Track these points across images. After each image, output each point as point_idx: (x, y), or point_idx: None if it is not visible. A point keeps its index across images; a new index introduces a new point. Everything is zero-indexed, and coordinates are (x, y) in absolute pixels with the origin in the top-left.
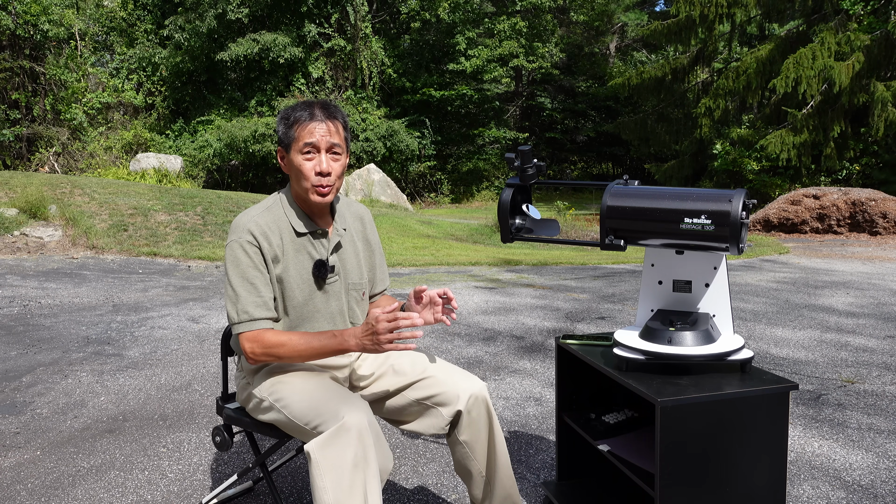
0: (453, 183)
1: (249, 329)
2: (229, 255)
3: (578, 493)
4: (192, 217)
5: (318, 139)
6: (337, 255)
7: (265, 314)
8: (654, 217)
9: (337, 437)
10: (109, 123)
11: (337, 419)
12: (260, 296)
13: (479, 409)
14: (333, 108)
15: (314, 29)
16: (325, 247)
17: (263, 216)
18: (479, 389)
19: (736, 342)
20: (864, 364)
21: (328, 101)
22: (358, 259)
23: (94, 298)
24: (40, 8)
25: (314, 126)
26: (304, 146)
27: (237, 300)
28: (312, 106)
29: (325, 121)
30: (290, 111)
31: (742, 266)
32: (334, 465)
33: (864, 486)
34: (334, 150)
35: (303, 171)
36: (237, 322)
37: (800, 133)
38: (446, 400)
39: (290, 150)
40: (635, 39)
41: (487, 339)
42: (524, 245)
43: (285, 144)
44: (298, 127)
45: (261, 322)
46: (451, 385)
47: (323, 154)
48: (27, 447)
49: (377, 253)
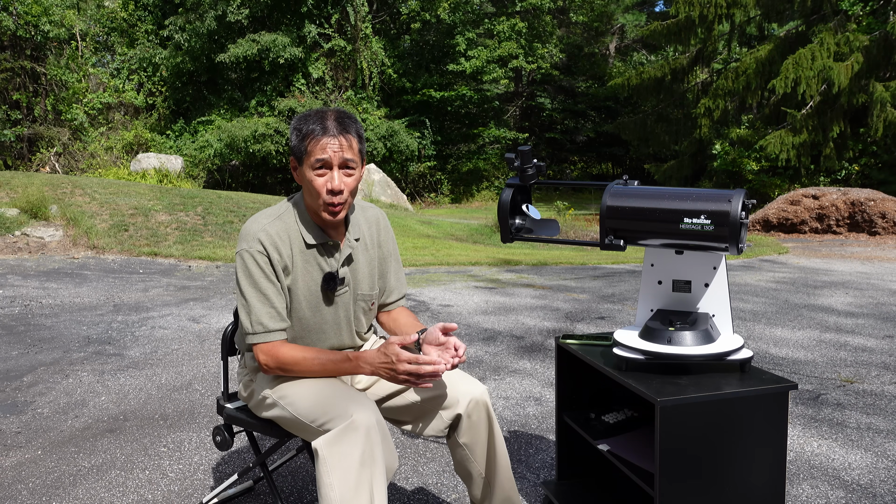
0: (453, 183)
1: (264, 341)
2: (240, 264)
3: (578, 492)
4: (192, 217)
5: (331, 156)
6: (348, 268)
7: (279, 325)
8: (654, 217)
9: (345, 435)
10: (110, 124)
11: (346, 417)
12: (273, 306)
13: (479, 413)
14: (348, 120)
15: (314, 29)
16: (336, 259)
17: (274, 225)
18: (479, 394)
19: (735, 342)
20: (864, 364)
21: (343, 111)
22: (371, 268)
23: (94, 298)
24: (41, 9)
25: (327, 142)
26: (316, 161)
27: (250, 311)
28: (326, 118)
29: (338, 136)
30: (304, 122)
31: (741, 266)
32: (342, 462)
33: (863, 485)
34: (348, 165)
35: (314, 188)
36: (251, 333)
37: (799, 133)
38: (446, 403)
39: (303, 164)
40: (635, 40)
41: (487, 339)
42: (524, 245)
43: (297, 157)
44: (311, 141)
45: (275, 334)
46: (452, 388)
47: (335, 171)
48: (28, 447)
49: (392, 259)
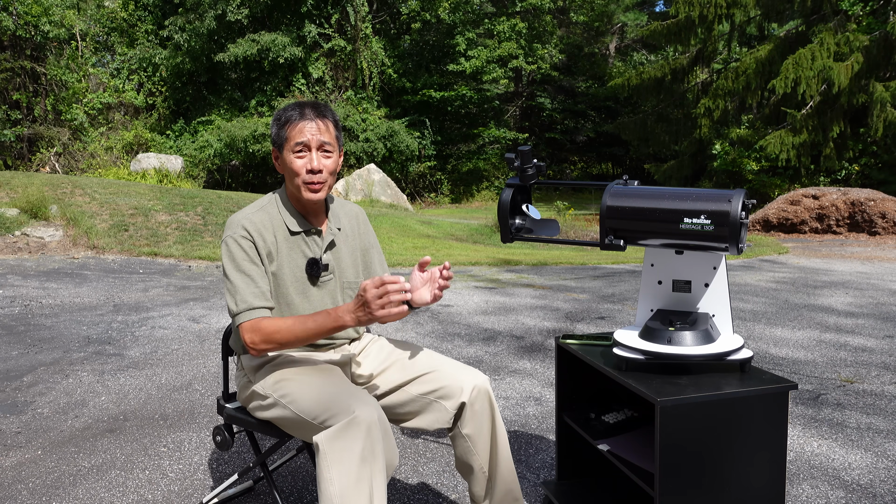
0: (453, 183)
1: (248, 318)
2: (224, 250)
3: (578, 492)
4: (192, 217)
5: (309, 138)
6: (331, 254)
7: (263, 303)
8: (654, 217)
9: (347, 431)
10: (110, 124)
11: (348, 413)
12: (258, 286)
13: (482, 402)
14: (324, 107)
15: (314, 29)
16: (318, 245)
17: (257, 214)
18: (481, 382)
19: (735, 342)
20: (863, 364)
21: (319, 101)
22: (354, 258)
23: (94, 298)
24: (41, 9)
25: (304, 125)
26: (296, 145)
27: (236, 292)
28: (303, 106)
29: (315, 119)
30: (282, 112)
31: (741, 266)
32: (342, 457)
33: (863, 485)
34: (325, 147)
35: (294, 169)
36: (237, 313)
37: (799, 133)
38: (449, 393)
39: (283, 150)
40: (635, 40)
41: (487, 339)
42: (524, 245)
43: (278, 144)
44: (290, 126)
45: (259, 311)
46: (454, 378)
47: (314, 152)
48: (28, 446)
49: (374, 251)
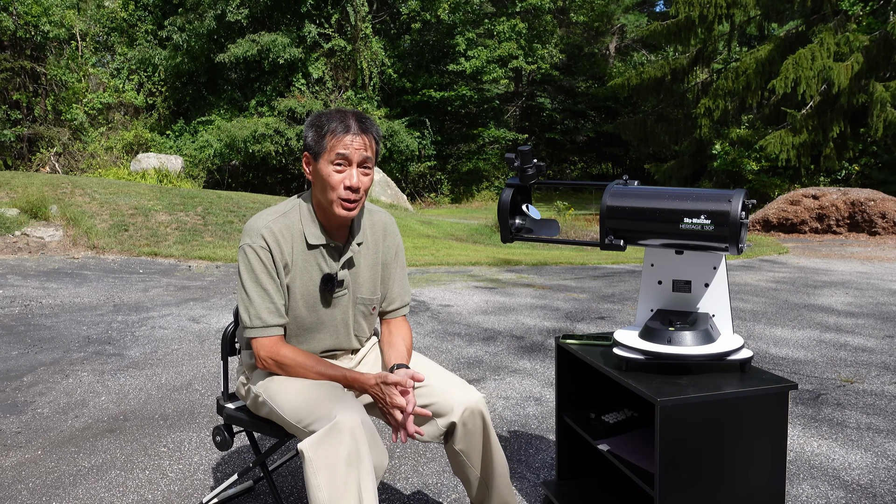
0: (453, 183)
1: (263, 335)
2: (242, 258)
3: (578, 492)
4: (192, 217)
5: (352, 152)
6: (348, 271)
7: (277, 321)
8: (654, 217)
9: (330, 436)
10: (110, 124)
11: (329, 419)
12: (273, 302)
13: (474, 422)
14: (369, 121)
15: (314, 29)
16: (336, 261)
17: (278, 222)
18: (474, 402)
19: (735, 342)
20: (863, 364)
21: (362, 113)
22: (374, 273)
23: (94, 298)
24: (41, 9)
25: (350, 139)
26: (337, 157)
27: (250, 305)
28: (348, 117)
29: (360, 134)
30: (325, 120)
31: (741, 266)
32: (328, 463)
33: (863, 485)
34: (366, 164)
35: (331, 183)
36: (250, 327)
37: (799, 133)
38: (441, 410)
39: (320, 159)
40: (635, 40)
41: (487, 338)
42: (524, 245)
43: (315, 152)
44: (332, 137)
45: (273, 329)
46: (447, 396)
47: (354, 168)
48: (28, 446)
49: (396, 266)
